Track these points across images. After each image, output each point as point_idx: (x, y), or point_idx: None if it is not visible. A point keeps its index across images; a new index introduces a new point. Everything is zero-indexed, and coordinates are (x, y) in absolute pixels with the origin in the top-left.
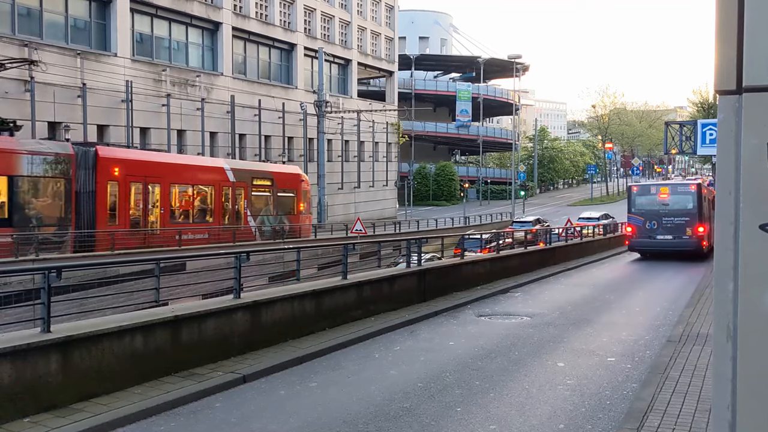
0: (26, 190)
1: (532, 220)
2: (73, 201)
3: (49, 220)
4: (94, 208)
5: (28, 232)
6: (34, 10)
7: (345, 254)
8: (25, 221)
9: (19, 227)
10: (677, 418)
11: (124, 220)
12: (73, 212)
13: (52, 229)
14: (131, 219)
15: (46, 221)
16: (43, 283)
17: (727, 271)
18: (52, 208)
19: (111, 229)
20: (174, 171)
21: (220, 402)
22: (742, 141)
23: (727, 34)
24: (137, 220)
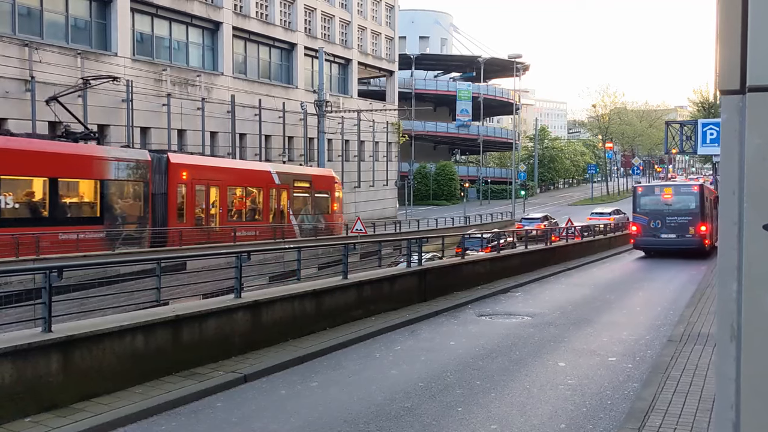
0: (113, 192)
1: (540, 217)
2: (149, 202)
3: (131, 218)
4: (166, 208)
5: (115, 229)
6: (34, 10)
7: (345, 254)
8: (113, 219)
9: (108, 225)
10: (679, 417)
11: (191, 219)
12: (150, 212)
13: (133, 226)
14: (195, 218)
15: (128, 219)
16: (44, 283)
17: (731, 271)
18: (134, 208)
19: (179, 227)
20: (230, 174)
21: (221, 401)
22: (745, 141)
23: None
24: (200, 219)
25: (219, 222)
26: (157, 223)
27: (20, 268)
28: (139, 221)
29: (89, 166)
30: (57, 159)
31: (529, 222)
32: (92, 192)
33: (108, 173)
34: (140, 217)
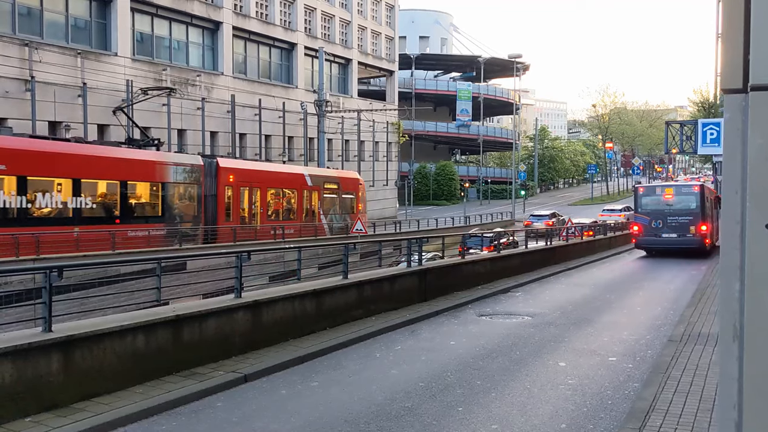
0: (172, 193)
1: (548, 214)
2: (202, 202)
3: (187, 217)
4: (215, 208)
5: (174, 227)
6: (34, 10)
7: (346, 254)
8: (172, 218)
9: (168, 223)
10: (679, 417)
11: (236, 218)
12: (203, 211)
13: (188, 224)
14: (240, 216)
15: (185, 218)
16: (44, 283)
17: (734, 271)
18: (189, 208)
19: (227, 225)
20: (270, 177)
21: (221, 401)
22: (748, 140)
23: (733, 32)
24: (244, 218)
25: (260, 221)
26: (208, 222)
27: (20, 268)
28: (193, 220)
29: (153, 171)
30: (126, 164)
31: (537, 219)
32: (156, 194)
33: (168, 177)
34: (194, 216)
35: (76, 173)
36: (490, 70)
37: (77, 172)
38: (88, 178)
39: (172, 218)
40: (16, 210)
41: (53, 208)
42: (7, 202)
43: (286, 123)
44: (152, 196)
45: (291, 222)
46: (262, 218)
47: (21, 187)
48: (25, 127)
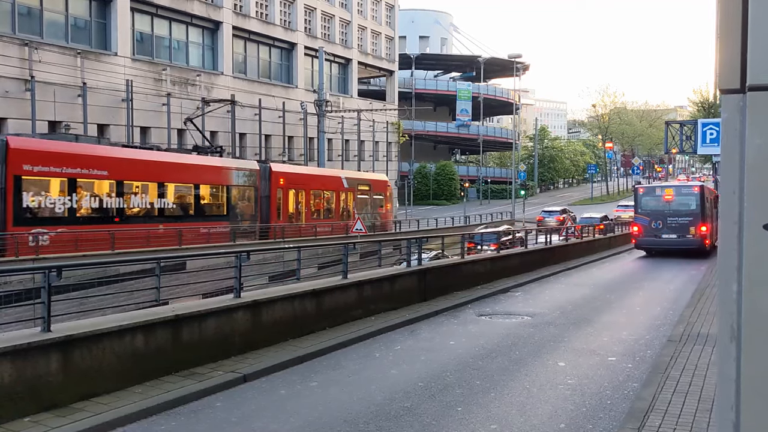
0: (235, 195)
1: (559, 210)
2: (258, 203)
3: (246, 216)
4: (268, 208)
5: (236, 225)
6: (34, 10)
7: (345, 253)
8: (234, 217)
9: (232, 221)
10: (678, 417)
11: (285, 217)
12: (258, 211)
13: (247, 222)
14: (288, 216)
15: (244, 217)
16: (43, 283)
17: (731, 272)
18: (248, 208)
19: (278, 224)
20: (313, 180)
21: (220, 401)
22: (746, 140)
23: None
24: (292, 216)
25: (304, 220)
26: (263, 220)
27: (19, 268)
28: (251, 218)
29: (220, 175)
30: (199, 169)
31: (548, 214)
32: (222, 195)
33: (231, 180)
34: (252, 215)
35: (160, 177)
36: (490, 70)
37: (161, 177)
38: (170, 181)
39: (234, 217)
40: (114, 209)
41: (142, 207)
42: (108, 202)
43: (286, 123)
44: (219, 197)
45: (330, 221)
46: (306, 217)
47: (119, 189)
48: (25, 126)
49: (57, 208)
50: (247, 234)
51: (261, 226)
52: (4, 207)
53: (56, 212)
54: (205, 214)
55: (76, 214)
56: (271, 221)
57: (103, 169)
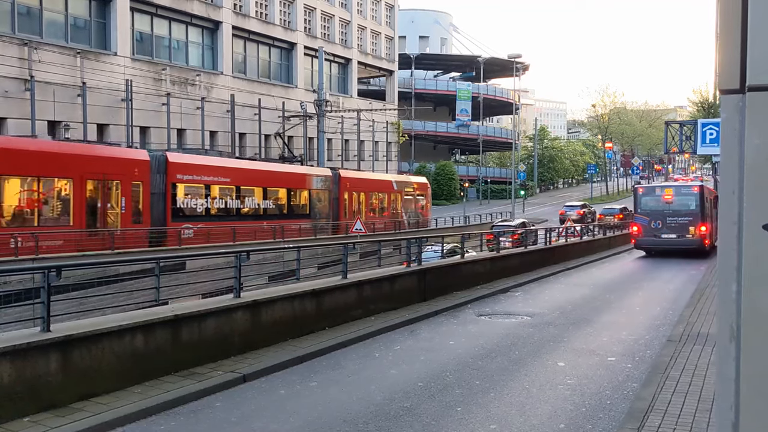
0: (315, 197)
1: (580, 204)
2: (331, 203)
3: (323, 215)
4: (338, 207)
5: (315, 222)
6: (34, 9)
7: (345, 253)
8: (314, 216)
9: (313, 219)
10: (678, 417)
11: (350, 215)
12: (331, 210)
13: (323, 220)
14: (352, 214)
15: (321, 216)
16: (42, 282)
17: (731, 272)
18: (324, 208)
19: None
20: (371, 184)
21: (220, 401)
22: (745, 140)
23: (730, 33)
24: (355, 215)
25: (364, 217)
26: (334, 218)
27: (19, 268)
28: (326, 217)
29: (304, 181)
30: (290, 176)
31: (570, 209)
32: (306, 197)
33: (312, 185)
34: (326, 214)
35: (264, 183)
36: (489, 70)
37: (265, 183)
38: (271, 186)
39: (314, 216)
40: (234, 209)
41: (252, 207)
42: (230, 203)
43: (286, 122)
44: (304, 199)
45: (383, 219)
46: (366, 215)
47: (237, 193)
48: (25, 126)
49: (198, 208)
50: (323, 230)
51: (333, 223)
52: (164, 206)
53: (197, 211)
54: (294, 213)
55: (210, 212)
56: (340, 219)
57: (227, 177)
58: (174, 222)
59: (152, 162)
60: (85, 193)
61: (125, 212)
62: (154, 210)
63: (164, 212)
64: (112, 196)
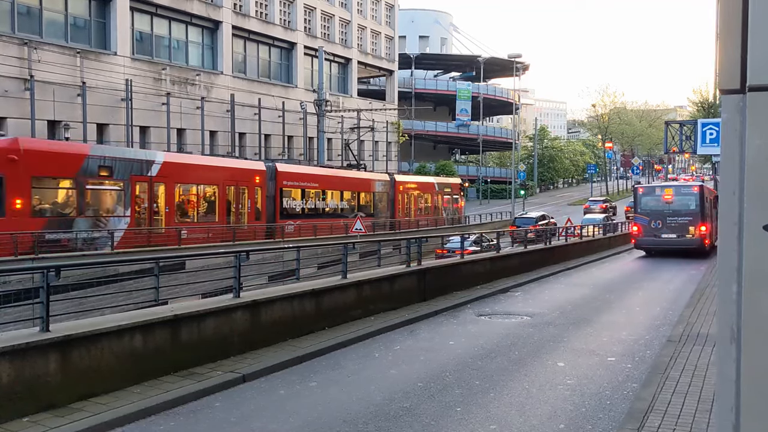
0: (377, 198)
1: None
2: (388, 204)
3: (383, 213)
4: (393, 207)
5: (378, 220)
6: (33, 9)
7: (345, 253)
8: (377, 214)
9: (376, 217)
10: (678, 418)
11: (403, 214)
12: (389, 209)
13: (383, 218)
14: (404, 212)
15: (381, 214)
16: (42, 282)
17: (731, 272)
18: (384, 208)
19: (398, 219)
20: (419, 185)
21: (219, 401)
22: (746, 141)
23: (730, 33)
24: (406, 213)
25: (412, 215)
26: (390, 216)
27: (18, 268)
28: (385, 215)
29: (369, 184)
30: (358, 181)
31: (593, 203)
32: (371, 198)
33: (375, 188)
34: (385, 212)
35: (341, 187)
36: (489, 69)
37: (341, 187)
38: (346, 189)
39: (377, 214)
40: (320, 209)
41: (332, 207)
42: (317, 204)
43: (286, 122)
44: (370, 200)
45: (427, 216)
46: (414, 213)
47: (323, 196)
48: (25, 126)
49: (296, 208)
50: (383, 226)
51: (390, 221)
52: (274, 207)
53: (296, 210)
54: (362, 212)
55: (304, 211)
56: (395, 216)
57: (316, 183)
58: (281, 219)
59: (267, 171)
60: (226, 197)
61: (250, 211)
62: (267, 210)
63: (274, 211)
64: (241, 198)
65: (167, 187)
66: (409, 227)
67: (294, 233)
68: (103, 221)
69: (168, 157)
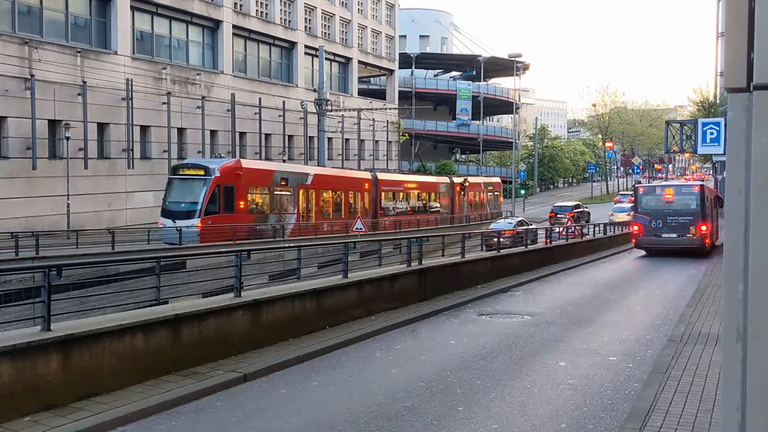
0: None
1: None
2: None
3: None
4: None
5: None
6: (34, 8)
7: (346, 253)
8: (444, 211)
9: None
10: (680, 417)
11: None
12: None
13: (446, 215)
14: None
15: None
16: (43, 282)
17: (737, 272)
18: (447, 206)
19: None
20: (473, 186)
21: (221, 401)
22: (752, 139)
23: (737, 31)
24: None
25: (467, 211)
26: (450, 212)
27: (20, 267)
28: (448, 212)
29: (437, 187)
30: (429, 184)
31: (623, 197)
32: (438, 198)
33: (441, 189)
34: (447, 210)
35: (417, 189)
36: (490, 69)
37: (418, 189)
38: (420, 191)
39: (444, 211)
40: (407, 208)
41: (415, 206)
42: (405, 204)
43: (287, 122)
44: (437, 199)
45: (477, 211)
46: (469, 210)
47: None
48: (25, 125)
49: (389, 207)
50: (444, 220)
51: (450, 216)
52: (375, 207)
53: (389, 209)
54: (431, 209)
55: (394, 210)
56: (454, 213)
57: (401, 186)
58: (380, 217)
59: (372, 179)
60: (348, 199)
61: (361, 210)
62: (372, 209)
63: (375, 210)
64: (356, 200)
65: (316, 192)
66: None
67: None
68: (283, 217)
69: (316, 171)
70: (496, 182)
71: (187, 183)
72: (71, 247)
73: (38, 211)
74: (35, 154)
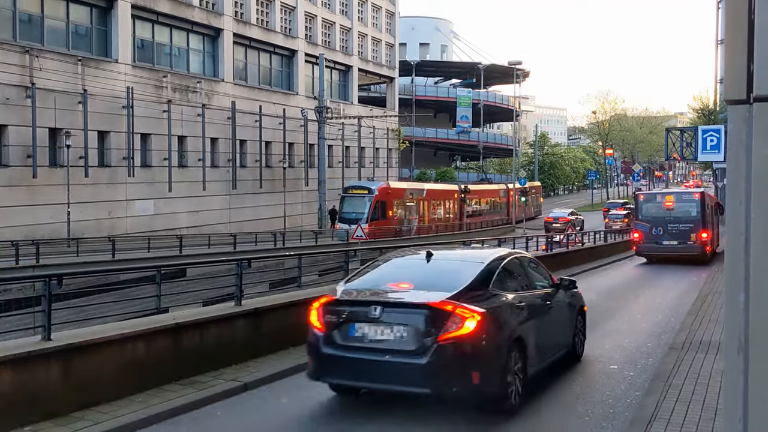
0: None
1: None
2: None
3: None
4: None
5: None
6: (35, 17)
7: (346, 260)
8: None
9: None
10: (681, 426)
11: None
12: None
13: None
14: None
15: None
16: (43, 291)
17: (739, 283)
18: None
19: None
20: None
21: (221, 410)
22: (752, 151)
23: (736, 42)
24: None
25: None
26: (509, 215)
27: (20, 276)
28: (505, 215)
29: (498, 193)
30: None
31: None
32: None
33: (499, 195)
34: (504, 213)
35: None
36: (490, 76)
37: (486, 196)
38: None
39: (501, 213)
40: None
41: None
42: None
43: (287, 129)
44: (495, 204)
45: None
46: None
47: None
48: (26, 133)
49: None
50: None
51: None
52: (461, 211)
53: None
54: (492, 212)
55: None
56: (509, 216)
57: (476, 195)
58: (465, 219)
59: (459, 189)
60: (445, 206)
61: (452, 215)
62: (459, 213)
63: (461, 214)
64: (448, 206)
65: (427, 202)
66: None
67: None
68: (411, 221)
69: (428, 186)
70: (537, 185)
71: (355, 199)
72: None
73: (38, 219)
74: (36, 162)
